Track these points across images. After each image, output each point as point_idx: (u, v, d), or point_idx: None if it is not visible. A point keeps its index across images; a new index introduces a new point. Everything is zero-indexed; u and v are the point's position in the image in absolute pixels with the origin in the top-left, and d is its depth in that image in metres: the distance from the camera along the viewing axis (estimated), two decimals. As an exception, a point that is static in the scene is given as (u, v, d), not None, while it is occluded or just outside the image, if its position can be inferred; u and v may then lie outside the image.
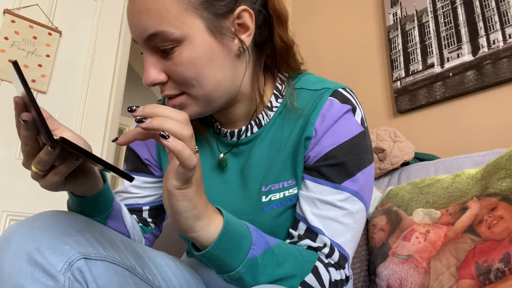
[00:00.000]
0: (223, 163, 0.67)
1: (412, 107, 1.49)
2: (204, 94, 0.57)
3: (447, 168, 1.11)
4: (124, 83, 2.12)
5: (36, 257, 0.48)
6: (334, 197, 0.58)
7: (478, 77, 1.31)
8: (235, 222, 0.50)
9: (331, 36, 1.96)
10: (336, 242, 0.58)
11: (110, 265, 0.54)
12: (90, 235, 0.55)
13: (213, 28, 0.55)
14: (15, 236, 0.51)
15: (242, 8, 0.58)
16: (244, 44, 0.59)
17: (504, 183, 0.84)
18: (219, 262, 0.49)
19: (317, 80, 0.67)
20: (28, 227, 0.52)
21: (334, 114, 0.60)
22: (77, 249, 0.51)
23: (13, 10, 1.75)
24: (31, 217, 0.54)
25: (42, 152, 0.45)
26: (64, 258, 0.50)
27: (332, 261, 0.58)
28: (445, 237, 0.88)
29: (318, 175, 0.60)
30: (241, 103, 0.65)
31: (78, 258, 0.51)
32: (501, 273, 0.75)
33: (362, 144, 0.61)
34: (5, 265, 0.49)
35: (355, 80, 1.78)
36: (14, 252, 0.49)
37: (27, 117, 0.44)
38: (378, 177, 1.32)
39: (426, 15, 1.52)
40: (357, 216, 0.59)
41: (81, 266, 0.51)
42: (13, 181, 1.63)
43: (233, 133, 0.67)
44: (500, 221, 0.80)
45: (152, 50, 0.56)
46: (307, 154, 0.61)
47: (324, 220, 0.58)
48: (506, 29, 1.27)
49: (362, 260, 1.04)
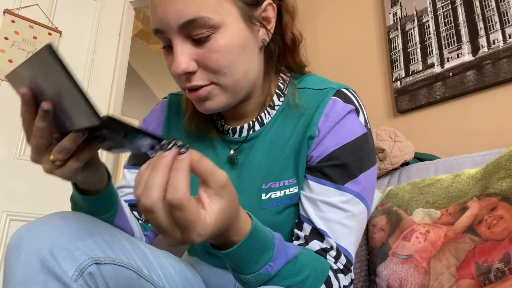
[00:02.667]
0: (234, 159, 0.67)
1: (412, 107, 1.49)
2: (233, 83, 0.57)
3: (447, 168, 1.11)
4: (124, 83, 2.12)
5: (49, 264, 0.48)
6: (336, 198, 0.58)
7: (478, 77, 1.31)
8: (261, 230, 0.48)
9: (331, 36, 1.96)
10: (341, 245, 0.58)
11: (119, 268, 0.54)
12: (100, 238, 0.55)
13: (246, 17, 0.56)
14: (25, 242, 0.50)
15: (268, 1, 0.59)
16: (269, 35, 0.60)
17: (504, 183, 0.84)
18: (232, 264, 0.48)
19: (321, 80, 0.67)
20: (39, 232, 0.51)
21: (337, 113, 0.60)
22: (88, 254, 0.51)
23: (13, 10, 1.75)
24: (40, 221, 0.53)
25: (66, 140, 0.43)
26: (76, 265, 0.49)
27: (341, 265, 0.58)
28: (445, 237, 0.88)
29: (321, 176, 0.60)
30: (254, 98, 0.65)
31: (90, 264, 0.50)
32: (501, 273, 0.75)
33: (365, 145, 0.61)
34: (17, 273, 0.48)
35: (355, 80, 1.78)
36: (26, 259, 0.48)
37: (48, 106, 0.42)
38: (378, 177, 1.32)
39: (426, 15, 1.52)
40: (360, 218, 0.59)
41: (93, 271, 0.50)
42: (13, 181, 1.63)
43: (235, 130, 0.67)
44: (500, 221, 0.80)
45: (184, 38, 0.55)
46: (310, 154, 0.61)
47: (328, 222, 0.58)
48: (506, 29, 1.27)
49: (362, 260, 1.04)
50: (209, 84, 0.57)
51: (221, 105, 0.59)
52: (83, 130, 0.41)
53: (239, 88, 0.59)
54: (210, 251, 0.71)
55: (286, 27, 0.64)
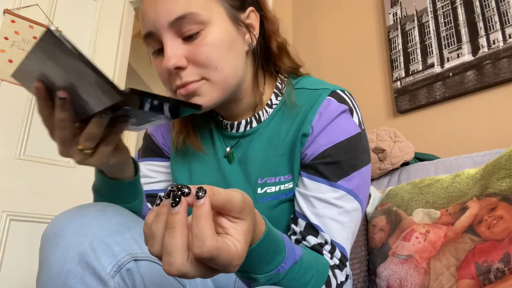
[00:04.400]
0: (230, 157, 0.70)
1: (412, 107, 1.49)
2: (223, 78, 0.59)
3: (447, 168, 1.11)
4: (124, 83, 2.12)
5: (88, 259, 0.47)
6: (329, 194, 0.59)
7: (478, 77, 1.31)
8: (273, 230, 0.47)
9: (331, 36, 1.96)
10: (335, 241, 0.59)
11: (153, 265, 0.53)
12: (137, 232, 0.54)
13: (232, 18, 0.60)
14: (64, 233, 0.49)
15: (251, 9, 0.63)
16: (254, 39, 0.63)
17: (504, 183, 0.84)
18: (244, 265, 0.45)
19: (317, 81, 0.69)
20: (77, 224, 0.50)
21: (331, 113, 0.62)
22: (127, 250, 0.50)
23: (13, 10, 1.75)
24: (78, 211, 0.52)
25: (91, 126, 0.43)
26: (114, 260, 0.48)
27: (336, 260, 0.58)
28: (445, 237, 0.88)
29: (314, 173, 0.61)
30: (245, 99, 0.67)
31: (129, 261, 0.49)
32: (501, 273, 0.75)
33: (359, 144, 0.62)
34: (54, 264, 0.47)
35: (355, 80, 1.78)
36: (64, 252, 0.47)
37: (64, 94, 0.41)
38: (378, 177, 1.32)
39: (426, 15, 1.52)
40: (353, 215, 0.60)
41: (131, 267, 0.49)
42: (13, 181, 1.63)
43: (233, 125, 0.70)
44: (500, 221, 0.80)
45: (174, 36, 0.57)
46: (304, 152, 0.63)
47: (321, 218, 0.59)
48: (506, 29, 1.27)
49: (361, 261, 1.04)
50: (200, 79, 0.58)
51: (211, 101, 0.60)
52: (106, 111, 0.40)
53: (228, 85, 0.60)
54: None
55: (270, 35, 0.67)
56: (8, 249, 1.55)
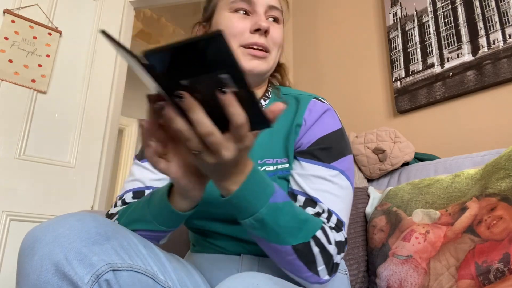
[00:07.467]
0: None
1: (412, 107, 1.49)
2: (273, 60, 0.77)
3: (447, 168, 1.11)
4: (124, 83, 2.12)
5: (64, 269, 0.47)
6: (325, 172, 0.68)
7: (478, 77, 1.31)
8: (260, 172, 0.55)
9: (331, 36, 1.96)
10: (331, 209, 0.66)
11: (135, 275, 0.54)
12: (117, 242, 0.54)
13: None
14: (40, 244, 0.49)
15: None
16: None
17: (504, 183, 0.84)
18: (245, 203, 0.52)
19: (300, 91, 0.83)
20: (54, 234, 0.50)
21: (318, 110, 0.74)
22: (105, 260, 0.50)
23: (13, 10, 1.75)
24: (55, 222, 0.52)
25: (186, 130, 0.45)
26: (92, 270, 0.48)
27: (332, 224, 0.65)
28: (444, 238, 0.88)
29: (311, 157, 0.70)
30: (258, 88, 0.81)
31: (107, 271, 0.50)
32: (500, 273, 0.75)
33: (344, 136, 0.74)
34: (31, 275, 0.47)
35: (355, 80, 1.78)
36: (40, 262, 0.48)
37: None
38: (378, 178, 1.32)
39: (426, 15, 1.52)
40: (346, 192, 0.69)
41: (109, 278, 0.49)
42: (13, 181, 1.63)
43: None
44: (500, 221, 0.80)
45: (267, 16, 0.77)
46: (300, 141, 0.72)
47: (319, 192, 0.67)
48: (506, 29, 1.27)
49: (359, 262, 1.04)
50: (268, 51, 0.75)
51: (264, 70, 0.75)
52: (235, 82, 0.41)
53: (272, 68, 0.78)
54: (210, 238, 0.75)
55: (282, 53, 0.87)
56: (8, 249, 1.55)
